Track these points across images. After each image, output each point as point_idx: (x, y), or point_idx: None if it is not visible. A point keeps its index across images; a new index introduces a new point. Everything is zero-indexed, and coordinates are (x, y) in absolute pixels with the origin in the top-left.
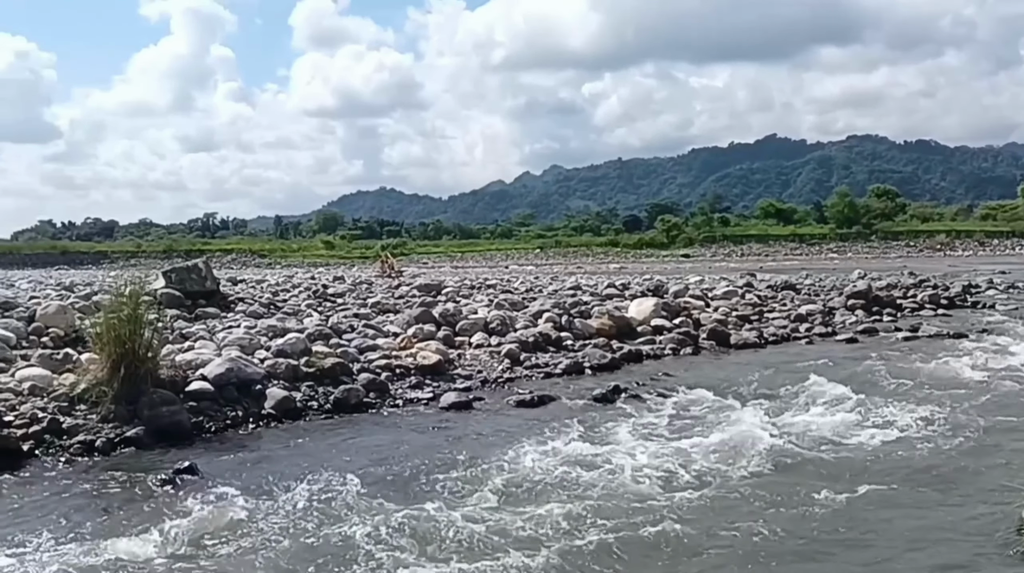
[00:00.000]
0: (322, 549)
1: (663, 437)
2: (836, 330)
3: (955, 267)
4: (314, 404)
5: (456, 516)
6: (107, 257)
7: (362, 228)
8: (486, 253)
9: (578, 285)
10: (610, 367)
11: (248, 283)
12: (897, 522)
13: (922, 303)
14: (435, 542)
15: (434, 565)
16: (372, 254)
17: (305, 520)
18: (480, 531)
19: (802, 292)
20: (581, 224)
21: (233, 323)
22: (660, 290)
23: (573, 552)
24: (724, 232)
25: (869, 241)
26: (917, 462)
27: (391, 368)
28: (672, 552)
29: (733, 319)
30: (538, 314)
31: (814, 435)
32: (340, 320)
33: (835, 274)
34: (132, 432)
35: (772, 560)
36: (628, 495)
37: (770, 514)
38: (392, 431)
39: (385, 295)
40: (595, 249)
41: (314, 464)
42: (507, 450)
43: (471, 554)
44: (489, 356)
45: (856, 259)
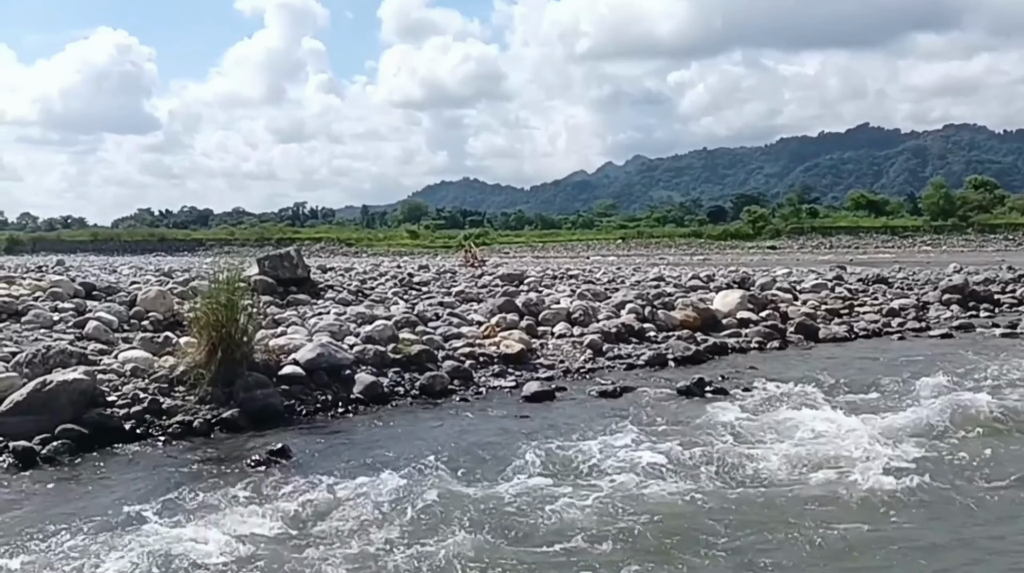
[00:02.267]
0: (409, 532)
1: (747, 433)
2: (930, 325)
3: None
4: (400, 389)
5: (537, 503)
6: (202, 244)
7: (445, 218)
8: (567, 243)
9: (661, 276)
10: (694, 359)
11: (336, 271)
12: (1002, 523)
13: (1021, 299)
14: (516, 527)
15: (515, 549)
16: (455, 244)
17: (392, 503)
18: (558, 518)
19: (894, 286)
20: (664, 215)
21: (323, 310)
22: (746, 282)
23: (641, 543)
24: (812, 224)
25: (965, 234)
26: (1020, 464)
27: (475, 356)
28: (734, 551)
29: (822, 313)
30: (621, 305)
31: (908, 435)
32: (425, 308)
33: (929, 268)
34: (228, 414)
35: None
36: (704, 490)
37: (855, 514)
38: (475, 418)
39: (468, 284)
40: (678, 240)
41: (400, 448)
42: (587, 439)
43: (549, 540)
44: (571, 346)
45: (951, 252)
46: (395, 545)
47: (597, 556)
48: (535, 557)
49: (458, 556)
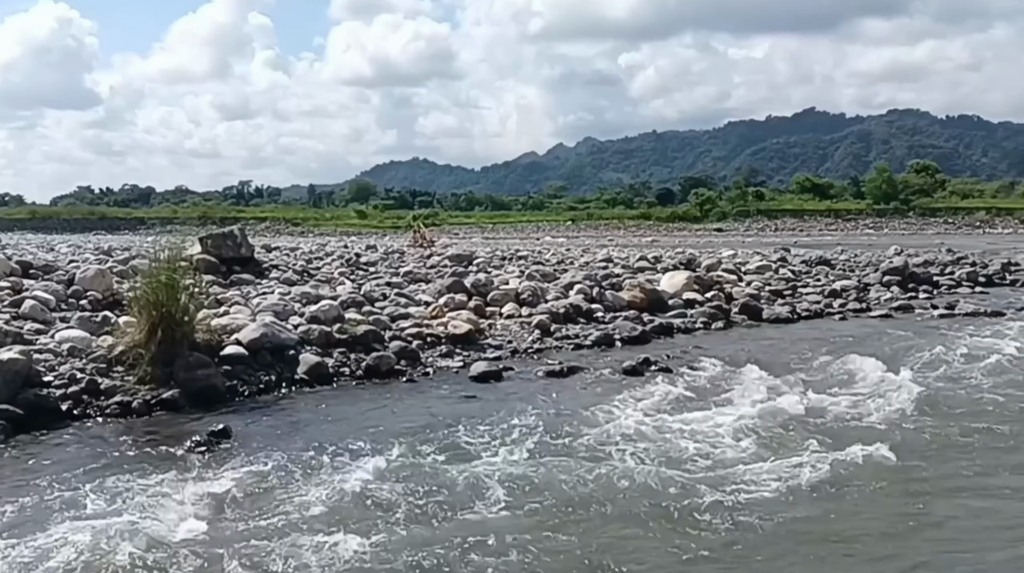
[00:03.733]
0: (351, 512)
1: (690, 410)
2: (870, 306)
3: (994, 245)
4: (346, 370)
5: (481, 482)
6: (144, 223)
7: (395, 198)
8: (517, 224)
9: (610, 257)
10: (640, 340)
11: (282, 251)
12: (931, 495)
13: (959, 280)
14: (461, 507)
15: (459, 529)
16: (404, 224)
17: (335, 483)
18: (503, 497)
19: (837, 267)
20: (614, 197)
21: (267, 289)
22: (692, 264)
23: (588, 519)
24: (759, 206)
25: (907, 217)
26: (953, 439)
27: (422, 336)
28: (681, 523)
29: (766, 294)
30: (569, 286)
31: (842, 411)
32: (372, 288)
33: (871, 250)
34: (168, 394)
35: (795, 540)
36: (649, 466)
37: (792, 492)
38: (422, 398)
39: (417, 264)
40: (627, 222)
41: (345, 429)
42: (534, 419)
43: (494, 518)
44: (520, 326)
45: (893, 235)
46: (336, 526)
47: (541, 535)
48: (479, 535)
49: (401, 538)
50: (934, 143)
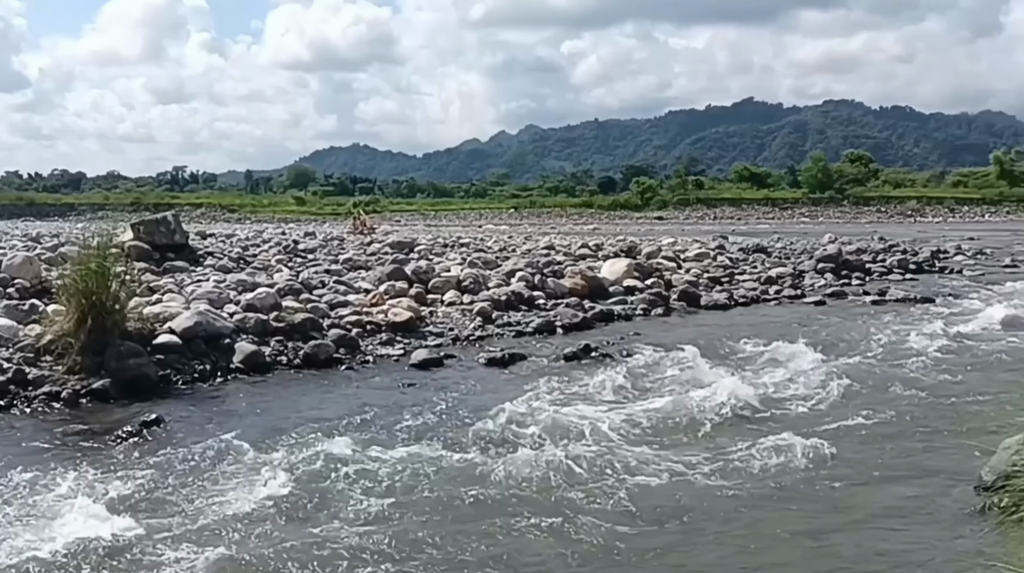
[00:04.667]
0: (285, 501)
1: (629, 395)
2: (805, 293)
3: (925, 233)
4: (283, 359)
5: (420, 470)
6: (74, 209)
7: (334, 184)
8: (460, 212)
9: (552, 245)
10: (581, 326)
11: (217, 237)
12: (856, 476)
13: (891, 268)
14: (398, 495)
15: (395, 517)
16: (344, 211)
17: (269, 472)
18: (440, 485)
19: (773, 255)
20: (556, 185)
21: (202, 277)
22: (633, 251)
23: (523, 508)
24: (698, 195)
25: (841, 206)
26: (881, 420)
27: (362, 324)
28: (625, 506)
29: (704, 281)
30: (511, 273)
31: (776, 395)
32: (311, 276)
33: (806, 238)
34: (98, 384)
35: (730, 518)
36: (589, 450)
37: (727, 473)
38: (361, 386)
39: (357, 252)
40: (569, 210)
41: (280, 418)
42: (475, 406)
43: (430, 506)
44: (461, 314)
45: (827, 223)
46: (270, 516)
47: (479, 522)
48: (413, 524)
49: (336, 528)
50: (868, 133)
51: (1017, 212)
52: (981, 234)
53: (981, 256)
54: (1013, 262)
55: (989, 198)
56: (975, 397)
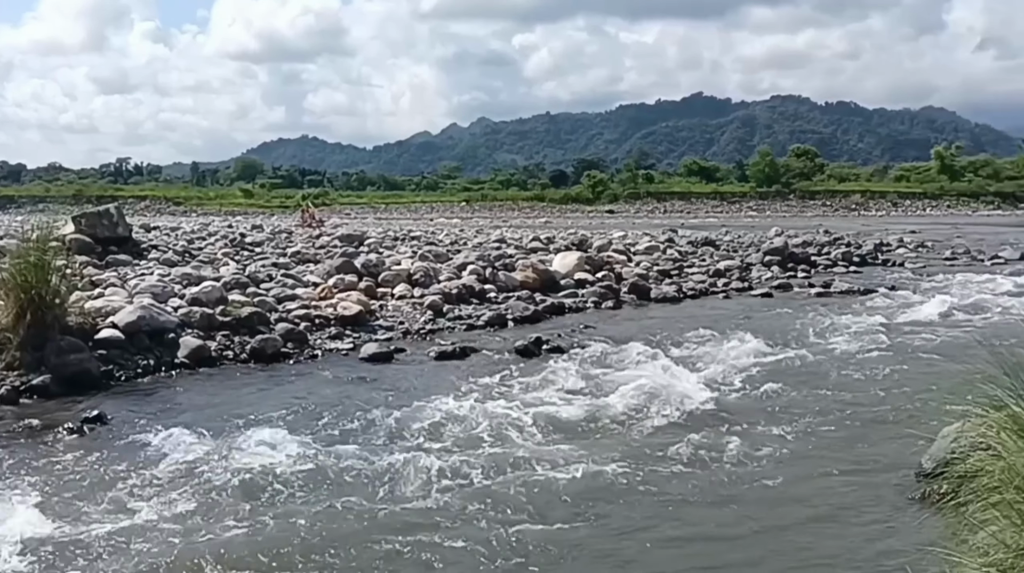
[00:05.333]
0: (225, 498)
1: (579, 390)
2: (752, 285)
3: (868, 226)
4: (230, 353)
5: (368, 465)
6: (13, 201)
7: (283, 177)
8: (411, 205)
9: (503, 238)
10: (533, 319)
11: (162, 230)
12: (801, 467)
13: (835, 260)
14: (347, 492)
15: (342, 513)
16: (293, 203)
17: (211, 469)
18: (390, 480)
19: (721, 248)
20: (508, 178)
21: (146, 271)
22: (584, 244)
23: (472, 502)
24: (648, 189)
25: (788, 200)
26: (825, 411)
27: (310, 318)
28: (575, 499)
29: (654, 274)
30: (462, 266)
31: (723, 388)
32: (258, 269)
33: (754, 231)
34: (38, 380)
35: (677, 505)
36: (539, 443)
37: (679, 463)
38: (309, 381)
39: (305, 245)
40: (521, 203)
41: (227, 413)
42: (424, 400)
43: (379, 502)
44: (412, 307)
45: (775, 217)
46: (210, 513)
47: (428, 518)
48: (351, 522)
49: (274, 525)
50: (814, 128)
51: (957, 206)
52: (923, 227)
53: (922, 249)
54: (953, 255)
55: (930, 192)
56: (916, 387)
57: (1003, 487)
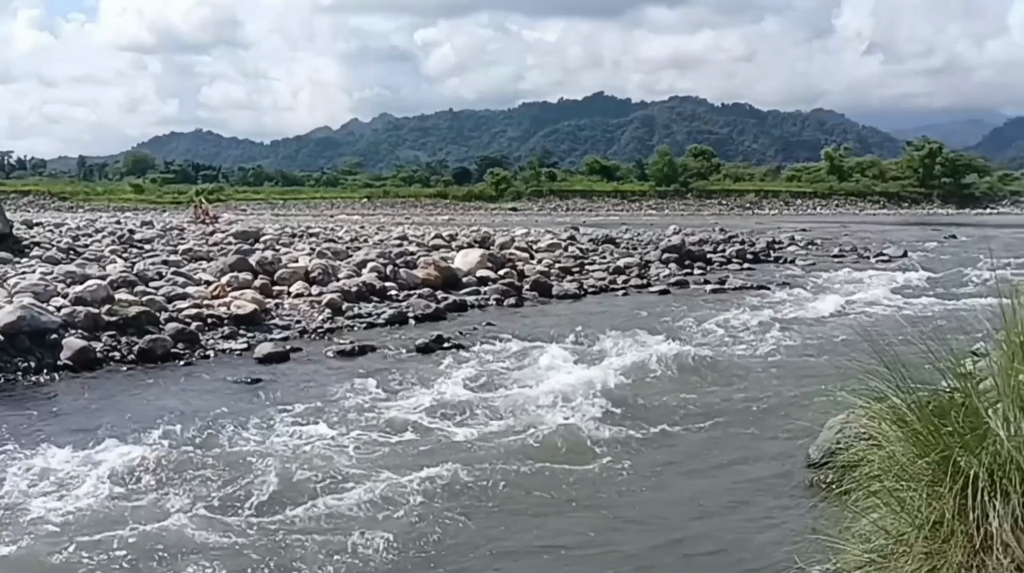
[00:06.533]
0: (101, 505)
1: (478, 386)
2: (651, 282)
3: (762, 225)
4: (116, 355)
5: (250, 471)
6: None
7: (175, 172)
8: (310, 201)
9: (405, 235)
10: (434, 317)
11: (46, 227)
12: (693, 460)
13: (730, 258)
14: (221, 498)
15: (228, 519)
16: (186, 199)
17: (88, 476)
18: (277, 482)
19: (621, 246)
20: (410, 175)
21: (27, 269)
22: (486, 242)
23: (375, 500)
24: (551, 187)
25: (685, 198)
26: (718, 404)
27: (202, 318)
28: (470, 496)
29: (556, 271)
30: (362, 264)
31: (618, 383)
32: (147, 267)
33: (653, 229)
34: None
35: (565, 500)
36: (436, 442)
37: (571, 458)
38: (200, 382)
39: (198, 242)
40: (424, 200)
41: (108, 417)
42: (316, 402)
43: (270, 503)
44: (309, 306)
45: (673, 215)
46: (83, 521)
47: (317, 520)
48: (232, 527)
49: (149, 532)
50: (711, 129)
51: (845, 205)
52: (812, 226)
53: (812, 247)
54: (841, 252)
55: (820, 192)
56: (805, 380)
57: (883, 476)
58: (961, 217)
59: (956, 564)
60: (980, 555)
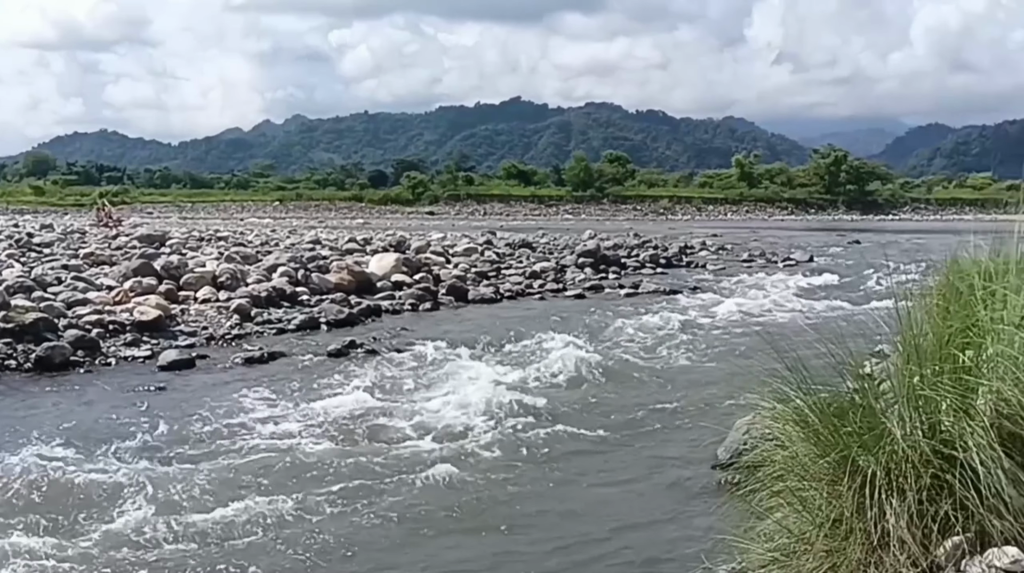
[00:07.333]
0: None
1: (390, 393)
2: (566, 286)
3: (675, 230)
4: (12, 362)
5: (147, 483)
6: None
7: (78, 173)
8: (219, 204)
9: (318, 239)
10: (347, 322)
11: None
12: (605, 463)
13: (644, 262)
14: (116, 512)
15: (127, 527)
16: (89, 202)
17: None
18: (185, 490)
19: (538, 250)
20: (324, 177)
21: None
22: (402, 246)
23: (276, 508)
24: (468, 191)
25: (601, 204)
26: (631, 407)
27: (104, 324)
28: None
29: (472, 275)
30: (273, 268)
31: (530, 387)
32: (46, 272)
33: (569, 234)
34: None
35: (471, 502)
36: (340, 453)
37: (478, 463)
38: (101, 391)
39: (100, 246)
40: (338, 203)
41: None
42: (224, 408)
43: (173, 512)
44: (217, 312)
45: (589, 220)
46: None
47: (225, 528)
48: (124, 541)
49: (37, 547)
50: (626, 135)
51: (755, 211)
52: (723, 231)
53: (723, 251)
54: (750, 257)
55: (731, 198)
56: (715, 381)
57: (786, 475)
58: (865, 223)
59: (855, 561)
60: (878, 551)
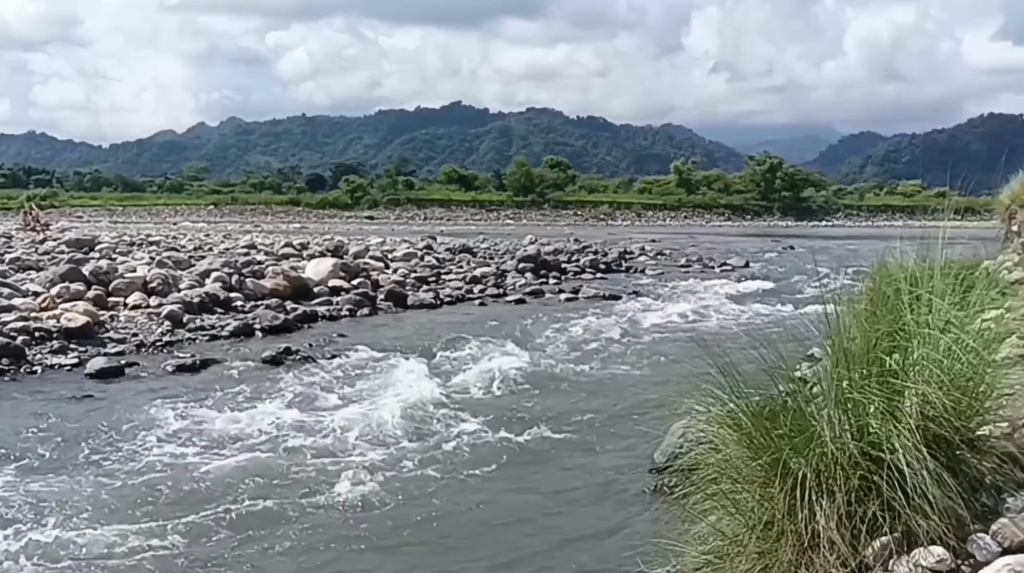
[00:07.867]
0: None
1: (324, 400)
2: (507, 291)
3: (614, 235)
4: None
5: (83, 488)
6: None
7: (4, 176)
8: (152, 208)
9: (253, 244)
10: (283, 329)
11: None
12: (543, 468)
13: (584, 267)
14: (32, 526)
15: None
16: (15, 206)
17: None
18: (91, 505)
19: (478, 255)
20: (261, 181)
21: None
22: (340, 251)
23: (207, 523)
24: (408, 195)
25: (542, 209)
26: (569, 412)
27: (29, 331)
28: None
29: (412, 280)
30: (206, 273)
31: (467, 392)
32: None
33: (510, 239)
34: None
35: (405, 512)
36: (264, 462)
37: (411, 471)
38: (25, 401)
39: (27, 250)
40: (275, 207)
41: None
42: (149, 419)
43: (97, 525)
44: (147, 318)
45: (530, 225)
46: None
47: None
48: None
49: None
50: (567, 141)
51: (693, 217)
52: (662, 237)
53: (661, 257)
54: (688, 262)
55: (670, 204)
56: (653, 385)
57: (720, 478)
58: (799, 229)
59: (786, 562)
60: (808, 553)
